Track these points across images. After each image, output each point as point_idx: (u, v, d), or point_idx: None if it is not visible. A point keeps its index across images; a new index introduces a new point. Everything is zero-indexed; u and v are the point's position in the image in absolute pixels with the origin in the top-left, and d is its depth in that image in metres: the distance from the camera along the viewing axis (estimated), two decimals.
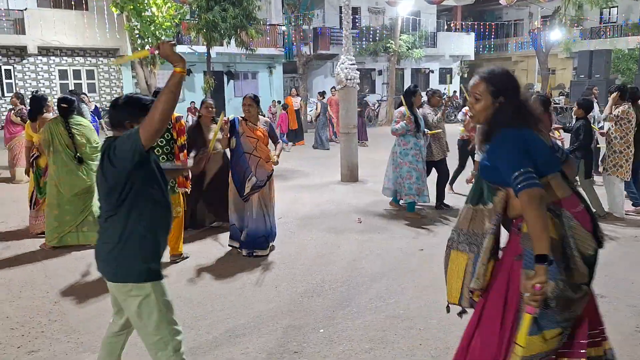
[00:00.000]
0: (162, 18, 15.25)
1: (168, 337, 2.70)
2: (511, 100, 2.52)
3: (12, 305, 4.54)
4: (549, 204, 2.38)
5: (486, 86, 2.55)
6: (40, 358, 3.64)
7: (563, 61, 31.89)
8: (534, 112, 2.56)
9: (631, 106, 7.03)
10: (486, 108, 2.56)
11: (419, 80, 30.10)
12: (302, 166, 12.25)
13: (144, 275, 2.66)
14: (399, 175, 7.21)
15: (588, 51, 21.10)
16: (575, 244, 2.38)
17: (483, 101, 2.55)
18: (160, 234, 2.76)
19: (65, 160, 5.97)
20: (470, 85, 2.64)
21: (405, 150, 7.07)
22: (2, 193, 9.38)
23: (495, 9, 34.17)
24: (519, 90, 2.57)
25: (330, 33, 26.14)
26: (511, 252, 2.52)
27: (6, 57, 20.34)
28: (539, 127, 2.54)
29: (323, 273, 5.23)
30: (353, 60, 10.07)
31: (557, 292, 2.29)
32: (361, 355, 3.62)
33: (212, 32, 17.74)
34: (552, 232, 2.36)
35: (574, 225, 2.40)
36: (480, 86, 2.56)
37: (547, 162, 2.48)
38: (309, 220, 7.29)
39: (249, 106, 5.76)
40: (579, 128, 6.88)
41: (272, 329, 4.04)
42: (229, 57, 23.97)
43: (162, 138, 5.48)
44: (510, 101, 2.52)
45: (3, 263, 5.64)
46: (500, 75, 2.57)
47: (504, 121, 2.50)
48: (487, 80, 2.55)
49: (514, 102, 2.52)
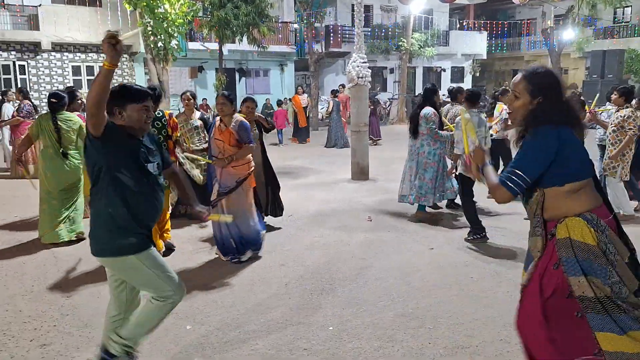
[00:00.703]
0: (174, 15, 15.30)
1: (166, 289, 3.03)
2: (550, 99, 2.53)
3: (25, 299, 4.59)
4: (586, 211, 2.44)
5: (525, 85, 2.57)
6: (52, 352, 3.68)
7: (575, 61, 31.61)
8: (574, 112, 2.59)
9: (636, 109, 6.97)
10: (524, 106, 2.58)
11: (431, 79, 29.99)
12: (313, 164, 12.26)
13: (122, 250, 2.92)
14: (423, 177, 6.96)
15: (601, 51, 20.96)
16: (615, 249, 2.42)
17: (522, 99, 2.58)
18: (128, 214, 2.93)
19: (52, 155, 6.05)
20: (512, 82, 2.67)
21: (434, 150, 6.92)
22: (15, 188, 9.47)
23: (508, 7, 33.94)
24: (560, 89, 2.57)
25: (342, 31, 26.11)
26: (547, 258, 2.52)
27: (20, 53, 20.48)
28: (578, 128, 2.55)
29: (332, 271, 5.24)
30: (365, 58, 10.05)
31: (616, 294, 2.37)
32: (370, 353, 3.63)
33: (224, 29, 17.82)
34: (590, 239, 2.40)
35: (609, 234, 2.44)
36: (520, 84, 2.59)
37: (583, 163, 2.51)
38: (319, 217, 7.30)
39: (222, 105, 5.38)
40: None
41: (281, 326, 4.05)
42: (240, 55, 24.01)
43: (160, 135, 5.68)
44: (549, 100, 2.53)
45: (16, 257, 5.71)
46: (541, 75, 2.59)
47: (540, 119, 2.51)
48: (527, 79, 2.58)
49: (553, 102, 2.53)
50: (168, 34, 15.43)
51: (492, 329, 3.94)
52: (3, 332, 3.96)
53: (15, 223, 7.05)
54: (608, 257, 2.40)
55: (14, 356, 3.62)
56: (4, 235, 6.51)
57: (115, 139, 2.86)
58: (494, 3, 32.48)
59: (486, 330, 3.90)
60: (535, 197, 2.54)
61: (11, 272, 5.23)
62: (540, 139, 2.46)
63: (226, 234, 5.48)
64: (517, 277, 4.58)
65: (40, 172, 6.19)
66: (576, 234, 2.43)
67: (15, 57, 20.41)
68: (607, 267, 2.39)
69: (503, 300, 4.40)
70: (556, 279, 2.45)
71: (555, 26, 27.90)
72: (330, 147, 15.46)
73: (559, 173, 2.46)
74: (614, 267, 2.39)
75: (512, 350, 3.60)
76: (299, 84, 21.74)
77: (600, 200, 2.53)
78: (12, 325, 4.08)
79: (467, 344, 3.37)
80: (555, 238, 2.48)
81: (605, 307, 2.37)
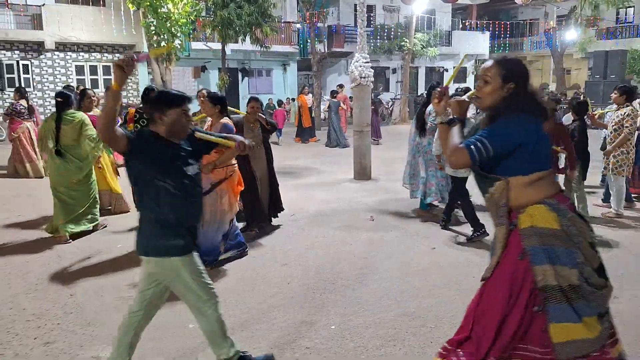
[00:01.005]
0: (178, 15, 15.36)
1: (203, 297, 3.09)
2: (522, 87, 2.52)
3: (28, 297, 4.61)
4: (547, 198, 2.46)
5: (498, 69, 2.53)
6: (55, 349, 3.70)
7: (578, 61, 31.60)
8: (543, 104, 2.58)
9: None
10: (494, 91, 2.54)
11: (433, 79, 29.96)
12: (315, 163, 12.28)
13: (167, 251, 2.99)
14: (431, 175, 7.09)
15: (603, 51, 20.95)
16: (578, 231, 2.44)
17: (492, 84, 2.54)
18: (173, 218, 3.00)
19: (52, 153, 6.19)
20: (482, 68, 2.62)
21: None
22: (17, 187, 9.50)
23: (511, 8, 33.93)
24: (529, 80, 2.56)
25: (345, 31, 26.14)
26: (513, 250, 2.51)
27: (24, 52, 20.54)
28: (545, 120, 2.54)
29: (335, 270, 5.25)
30: (367, 58, 10.07)
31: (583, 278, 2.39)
32: (372, 352, 3.64)
33: (227, 29, 17.84)
34: (554, 224, 2.41)
35: (571, 217, 2.46)
36: (492, 69, 2.55)
37: (547, 154, 2.54)
38: (321, 217, 7.32)
39: (202, 102, 5.13)
40: (573, 130, 6.79)
41: (284, 324, 4.07)
42: (243, 54, 24.05)
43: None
44: (521, 88, 2.51)
45: (19, 256, 5.73)
46: (513, 62, 2.58)
47: (512, 107, 2.49)
48: (500, 64, 2.54)
49: (524, 90, 2.52)
50: (171, 33, 15.49)
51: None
52: (7, 330, 3.99)
53: (19, 222, 7.07)
54: (573, 240, 2.42)
55: (18, 354, 3.64)
56: (7, 233, 6.54)
57: (150, 149, 2.93)
58: (497, 3, 32.48)
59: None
60: (498, 185, 2.51)
61: (15, 271, 5.25)
62: (512, 124, 2.45)
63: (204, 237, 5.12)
64: None
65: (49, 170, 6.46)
66: (540, 221, 2.43)
67: (19, 56, 20.48)
68: (572, 249, 2.41)
69: None
70: (522, 270, 2.45)
71: (557, 26, 27.91)
72: (333, 147, 15.47)
73: (526, 162, 2.47)
74: (579, 248, 2.42)
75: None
76: (304, 84, 21.77)
77: (558, 187, 2.56)
78: (16, 323, 4.10)
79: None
80: (518, 228, 2.48)
81: (567, 295, 2.39)
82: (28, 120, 10.48)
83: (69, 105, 6.26)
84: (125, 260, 5.52)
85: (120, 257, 5.63)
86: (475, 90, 2.65)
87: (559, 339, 2.39)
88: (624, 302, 4.36)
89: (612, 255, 5.52)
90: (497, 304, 2.49)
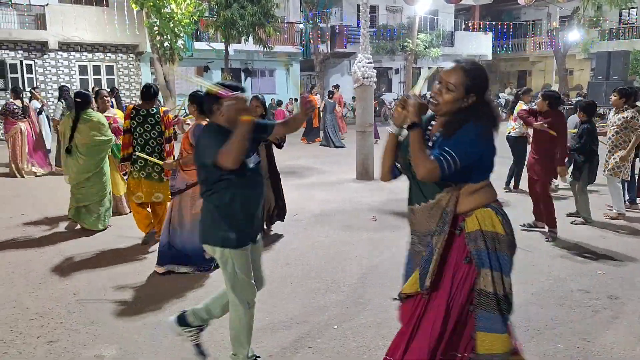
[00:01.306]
0: (181, 15, 15.40)
1: (241, 296, 3.18)
2: (481, 98, 2.44)
3: (32, 296, 4.63)
4: (491, 202, 2.48)
5: (463, 79, 2.40)
6: (59, 348, 3.71)
7: (581, 62, 31.53)
8: (498, 113, 2.56)
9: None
10: (455, 101, 2.41)
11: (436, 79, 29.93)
12: (317, 163, 12.28)
13: (221, 241, 3.10)
14: None
15: (606, 52, 20.85)
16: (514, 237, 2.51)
17: (454, 93, 2.40)
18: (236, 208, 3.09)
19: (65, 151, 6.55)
20: (445, 71, 2.45)
21: None
22: (20, 186, 9.53)
23: (514, 8, 33.90)
24: (488, 89, 2.51)
25: (348, 31, 26.14)
26: (456, 254, 2.49)
27: (27, 52, 20.57)
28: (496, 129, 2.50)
29: (337, 270, 5.26)
30: (370, 59, 10.08)
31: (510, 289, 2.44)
32: (374, 352, 3.65)
33: (230, 29, 17.89)
34: (499, 228, 2.44)
35: (510, 223, 2.51)
36: (456, 77, 2.40)
37: (493, 164, 2.52)
38: (323, 217, 7.32)
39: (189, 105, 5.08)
40: (582, 132, 6.73)
41: (286, 324, 4.08)
42: (246, 55, 24.07)
43: (155, 131, 5.81)
44: (481, 99, 2.44)
45: (23, 255, 5.75)
46: (477, 71, 2.44)
47: (471, 117, 2.40)
48: (465, 72, 2.40)
49: (483, 101, 2.45)
50: (174, 33, 15.53)
51: None
52: (10, 329, 4.00)
53: (22, 221, 7.09)
54: (514, 247, 2.47)
55: (22, 352, 3.65)
56: (11, 232, 6.56)
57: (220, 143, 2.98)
58: (500, 4, 32.46)
59: None
60: (448, 191, 2.46)
61: (18, 270, 5.27)
62: (475, 136, 2.38)
63: (164, 239, 5.17)
64: (521, 276, 4.61)
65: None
66: (487, 225, 2.43)
67: (23, 56, 20.51)
68: (512, 256, 2.46)
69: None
70: (464, 273, 2.45)
71: (560, 27, 27.84)
72: (324, 146, 15.59)
73: (479, 171, 2.47)
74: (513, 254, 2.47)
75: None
76: (313, 84, 21.77)
77: (496, 193, 2.58)
78: (19, 322, 4.11)
79: None
80: (465, 232, 2.46)
81: (499, 304, 2.40)
82: (22, 120, 10.46)
83: (87, 104, 6.46)
84: (129, 260, 5.54)
85: (123, 257, 5.64)
86: (433, 93, 2.51)
87: (484, 350, 2.41)
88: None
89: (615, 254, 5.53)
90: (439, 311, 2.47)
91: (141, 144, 5.79)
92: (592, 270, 5.19)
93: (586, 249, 5.86)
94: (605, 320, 4.08)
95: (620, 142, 6.89)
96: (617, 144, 6.91)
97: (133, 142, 5.82)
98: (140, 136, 5.79)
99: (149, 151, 5.78)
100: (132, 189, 5.94)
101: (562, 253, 5.73)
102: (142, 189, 5.86)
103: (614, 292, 4.63)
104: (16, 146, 10.32)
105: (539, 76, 34.82)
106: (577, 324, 4.03)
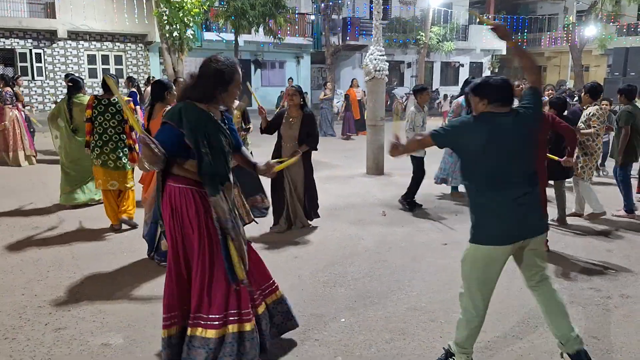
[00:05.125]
0: (190, 4, 15.31)
1: (467, 294, 3.18)
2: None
3: (40, 284, 4.65)
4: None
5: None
6: (66, 335, 3.72)
7: (597, 58, 31.11)
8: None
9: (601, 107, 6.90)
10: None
11: (449, 74, 29.78)
12: (328, 158, 12.22)
13: (471, 236, 3.17)
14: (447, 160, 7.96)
15: (624, 48, 20.61)
16: None
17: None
18: (481, 208, 3.13)
19: (64, 132, 7.15)
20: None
21: None
22: (32, 176, 9.57)
23: (530, 2, 33.60)
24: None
25: (360, 23, 25.96)
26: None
27: (37, 41, 20.66)
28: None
29: (346, 264, 5.24)
30: (382, 52, 9.98)
31: None
32: (381, 345, 3.63)
33: (240, 20, 17.79)
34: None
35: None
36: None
37: None
38: (333, 211, 7.29)
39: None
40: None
41: None
42: (256, 46, 24.02)
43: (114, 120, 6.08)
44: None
45: (32, 243, 5.78)
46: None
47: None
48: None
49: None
50: (184, 23, 15.45)
51: (504, 324, 3.92)
52: (19, 315, 4.02)
53: (31, 209, 7.13)
54: None
55: (30, 339, 3.67)
56: (20, 221, 6.59)
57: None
58: None
59: (498, 326, 3.88)
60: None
61: (27, 258, 5.29)
62: None
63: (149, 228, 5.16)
64: None
65: (59, 146, 7.36)
66: None
67: (32, 44, 20.60)
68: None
69: (516, 296, 4.37)
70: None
71: (577, 22, 27.46)
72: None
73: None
74: None
75: (524, 347, 3.60)
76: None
77: None
78: (28, 309, 4.13)
79: (479, 339, 3.35)
80: None
81: None
82: (13, 108, 10.35)
83: (78, 89, 7.09)
84: (136, 250, 5.54)
85: (132, 247, 5.65)
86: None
87: None
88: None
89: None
90: None
91: (100, 132, 6.07)
92: (604, 269, 5.13)
93: (597, 247, 5.80)
94: (617, 319, 4.03)
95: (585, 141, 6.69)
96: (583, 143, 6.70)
97: (92, 129, 6.12)
98: (99, 125, 6.08)
99: (106, 139, 6.05)
100: (95, 175, 6.27)
101: (572, 251, 5.67)
102: (100, 176, 6.16)
103: (626, 291, 4.57)
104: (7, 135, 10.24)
105: (554, 72, 34.41)
106: (588, 322, 3.99)
